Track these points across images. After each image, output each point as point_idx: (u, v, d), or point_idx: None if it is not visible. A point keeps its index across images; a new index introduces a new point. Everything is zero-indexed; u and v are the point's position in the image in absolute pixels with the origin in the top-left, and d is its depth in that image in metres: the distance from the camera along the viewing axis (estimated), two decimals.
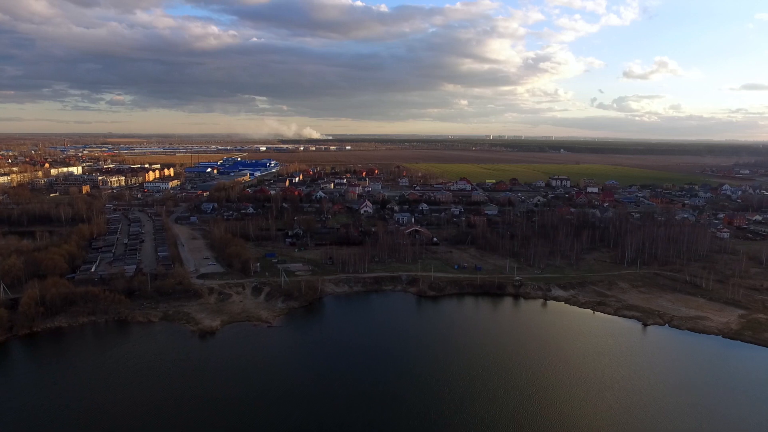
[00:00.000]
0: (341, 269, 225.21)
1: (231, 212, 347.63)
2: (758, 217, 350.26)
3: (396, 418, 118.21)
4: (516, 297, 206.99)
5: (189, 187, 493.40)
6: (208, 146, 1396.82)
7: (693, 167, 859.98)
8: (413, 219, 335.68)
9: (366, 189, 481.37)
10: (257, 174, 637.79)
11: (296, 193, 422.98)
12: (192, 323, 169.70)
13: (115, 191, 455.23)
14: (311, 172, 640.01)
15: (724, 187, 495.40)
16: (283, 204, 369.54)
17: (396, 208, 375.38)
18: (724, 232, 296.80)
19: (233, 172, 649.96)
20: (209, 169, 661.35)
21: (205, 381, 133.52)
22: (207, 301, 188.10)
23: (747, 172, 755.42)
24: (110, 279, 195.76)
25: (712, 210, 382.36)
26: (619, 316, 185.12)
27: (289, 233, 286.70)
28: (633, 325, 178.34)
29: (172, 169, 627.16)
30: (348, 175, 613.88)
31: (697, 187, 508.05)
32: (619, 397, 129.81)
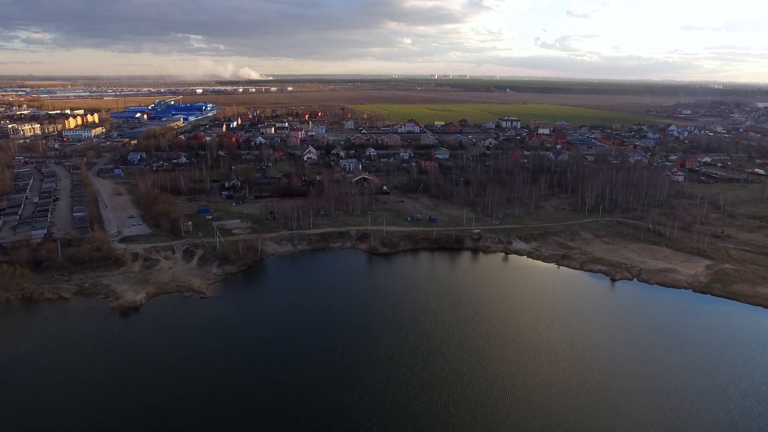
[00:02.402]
0: (284, 225, 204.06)
1: (161, 163, 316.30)
2: (707, 159, 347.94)
3: (356, 398, 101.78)
4: (475, 251, 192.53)
5: (115, 135, 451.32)
6: (140, 89, 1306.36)
7: (637, 107, 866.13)
8: (360, 165, 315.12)
9: (309, 133, 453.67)
10: (192, 119, 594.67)
11: (234, 139, 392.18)
12: (112, 297, 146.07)
13: (28, 141, 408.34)
14: (250, 116, 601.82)
15: (670, 128, 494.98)
16: (220, 152, 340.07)
17: (342, 153, 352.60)
18: (679, 175, 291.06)
19: (165, 117, 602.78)
20: (139, 114, 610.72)
21: (125, 370, 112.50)
22: (130, 270, 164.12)
23: (689, 112, 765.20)
24: (12, 248, 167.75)
25: (663, 152, 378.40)
26: (586, 270, 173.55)
27: (226, 185, 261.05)
28: (601, 281, 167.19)
29: (96, 115, 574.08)
30: (290, 118, 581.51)
31: (645, 128, 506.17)
32: (594, 363, 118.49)
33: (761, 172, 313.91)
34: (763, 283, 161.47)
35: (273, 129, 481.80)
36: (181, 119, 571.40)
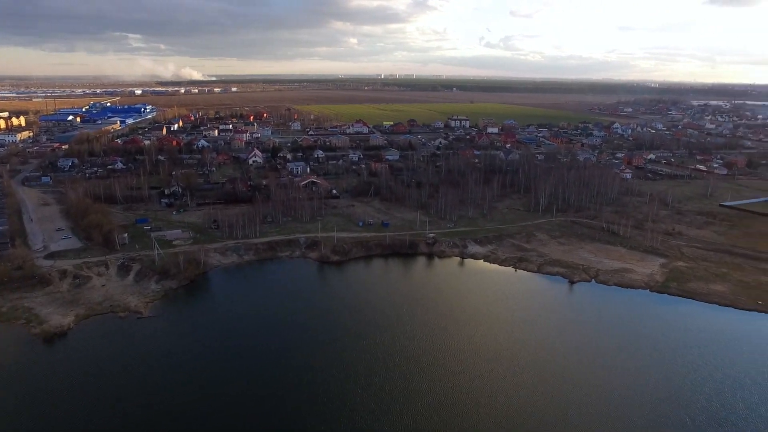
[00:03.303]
0: (228, 234, 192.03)
1: (95, 169, 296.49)
2: (652, 156, 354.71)
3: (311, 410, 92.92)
4: (430, 256, 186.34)
5: (44, 140, 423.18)
6: (73, 90, 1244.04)
7: (580, 105, 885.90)
8: (308, 168, 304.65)
9: (254, 135, 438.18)
10: (129, 121, 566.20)
11: (174, 142, 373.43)
12: (35, 322, 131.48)
13: None
14: (192, 118, 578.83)
15: (615, 126, 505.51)
16: (159, 156, 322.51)
17: (289, 156, 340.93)
18: (627, 172, 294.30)
19: (101, 119, 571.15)
20: (71, 117, 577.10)
21: (45, 408, 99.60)
22: (58, 289, 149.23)
23: (630, 110, 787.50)
24: None
25: (610, 149, 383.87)
26: (543, 273, 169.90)
27: (166, 192, 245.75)
28: (559, 283, 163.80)
29: (23, 118, 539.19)
30: (234, 120, 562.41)
31: (591, 126, 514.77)
32: (557, 371, 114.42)
33: (703, 168, 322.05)
34: (716, 281, 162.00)
35: (216, 131, 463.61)
36: (118, 122, 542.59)
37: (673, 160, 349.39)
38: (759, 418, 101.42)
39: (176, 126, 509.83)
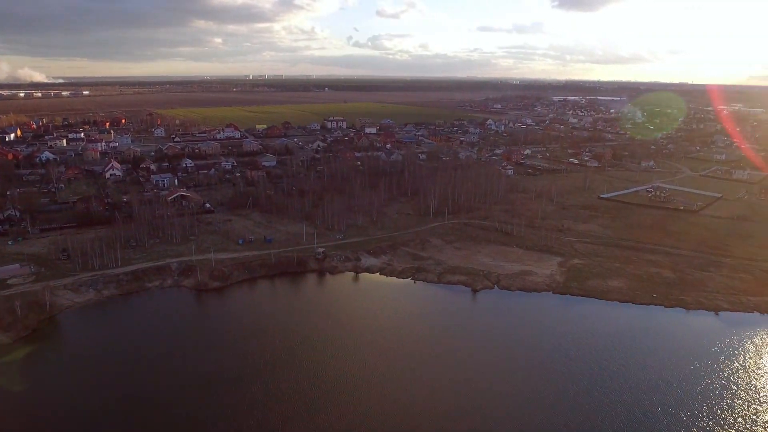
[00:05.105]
0: (82, 266, 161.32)
1: None
2: (528, 151, 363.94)
3: None
4: (322, 273, 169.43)
5: None
6: None
7: (452, 103, 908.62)
8: (177, 180, 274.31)
9: (111, 144, 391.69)
10: None
11: (10, 156, 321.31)
12: None
13: None
14: (34, 126, 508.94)
15: (488, 122, 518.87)
16: None
17: (153, 167, 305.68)
18: (509, 169, 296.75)
19: None
20: None
21: None
22: None
23: (499, 106, 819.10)
24: None
25: (488, 146, 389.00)
26: (444, 283, 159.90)
27: None
28: (462, 293, 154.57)
29: None
30: (86, 127, 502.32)
31: (466, 123, 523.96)
32: (470, 389, 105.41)
33: (576, 161, 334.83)
34: (612, 276, 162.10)
35: (65, 141, 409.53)
36: None
37: (548, 154, 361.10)
38: (679, 423, 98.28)
39: (13, 136, 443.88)
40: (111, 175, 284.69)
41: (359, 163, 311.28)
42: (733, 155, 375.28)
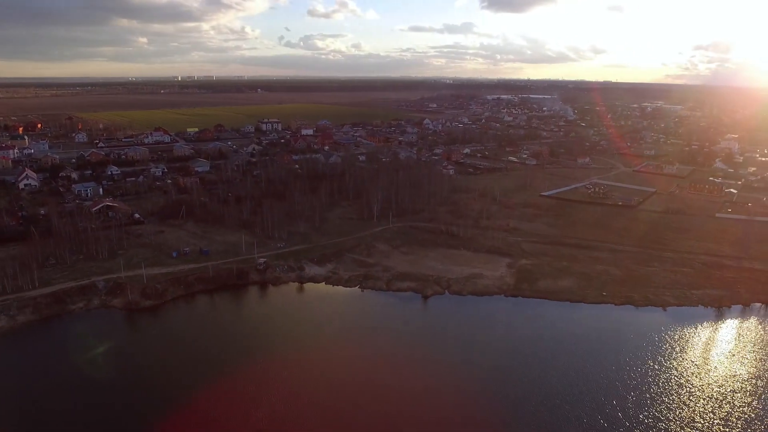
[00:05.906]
0: None
1: None
2: (467, 150, 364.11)
3: None
4: (264, 285, 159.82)
5: None
6: None
7: (387, 103, 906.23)
8: (101, 189, 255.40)
9: (26, 151, 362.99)
10: None
11: None
12: None
13: None
14: None
15: (426, 122, 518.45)
16: None
17: (74, 175, 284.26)
18: (450, 168, 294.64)
19: None
20: None
21: None
22: None
23: (435, 105, 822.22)
24: None
25: (427, 146, 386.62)
26: (394, 290, 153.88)
27: None
28: (412, 300, 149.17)
29: None
30: None
31: (403, 123, 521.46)
32: (424, 399, 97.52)
33: (515, 159, 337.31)
34: (561, 276, 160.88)
35: None
36: None
37: (487, 153, 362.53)
38: (641, 426, 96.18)
39: None
40: (25, 185, 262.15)
41: (297, 166, 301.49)
42: (661, 150, 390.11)
